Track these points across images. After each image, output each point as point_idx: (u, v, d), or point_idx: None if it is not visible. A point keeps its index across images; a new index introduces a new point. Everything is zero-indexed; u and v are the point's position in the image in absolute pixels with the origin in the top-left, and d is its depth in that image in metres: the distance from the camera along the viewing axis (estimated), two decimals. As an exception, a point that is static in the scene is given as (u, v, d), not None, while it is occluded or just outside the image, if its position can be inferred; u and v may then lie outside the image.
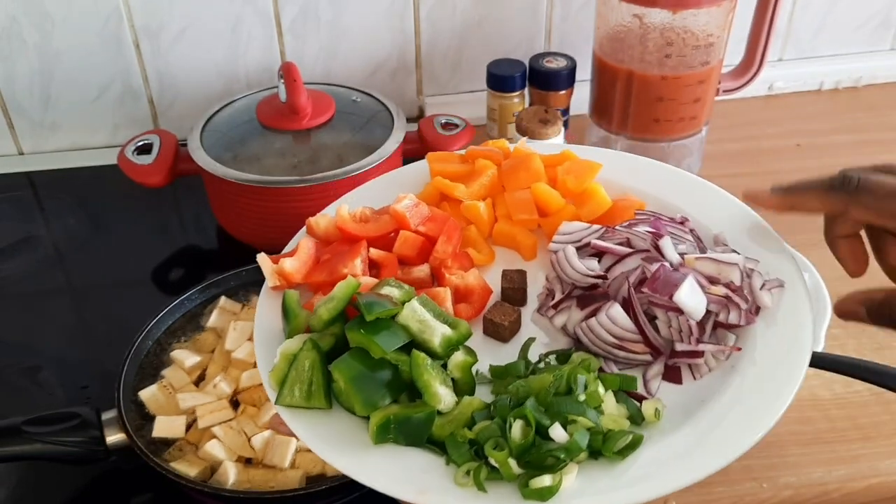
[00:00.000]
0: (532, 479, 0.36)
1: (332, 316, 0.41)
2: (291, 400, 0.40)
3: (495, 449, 0.37)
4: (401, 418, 0.38)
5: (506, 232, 0.51)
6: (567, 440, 0.37)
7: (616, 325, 0.42)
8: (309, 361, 0.40)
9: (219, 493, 0.52)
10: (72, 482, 0.56)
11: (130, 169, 0.73)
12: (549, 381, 0.39)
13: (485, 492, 0.36)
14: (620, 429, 0.38)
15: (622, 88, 0.78)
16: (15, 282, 0.75)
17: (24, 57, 0.86)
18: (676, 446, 0.38)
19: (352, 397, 0.39)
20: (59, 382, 0.64)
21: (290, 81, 0.73)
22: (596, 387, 0.39)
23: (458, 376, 0.41)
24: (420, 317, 0.40)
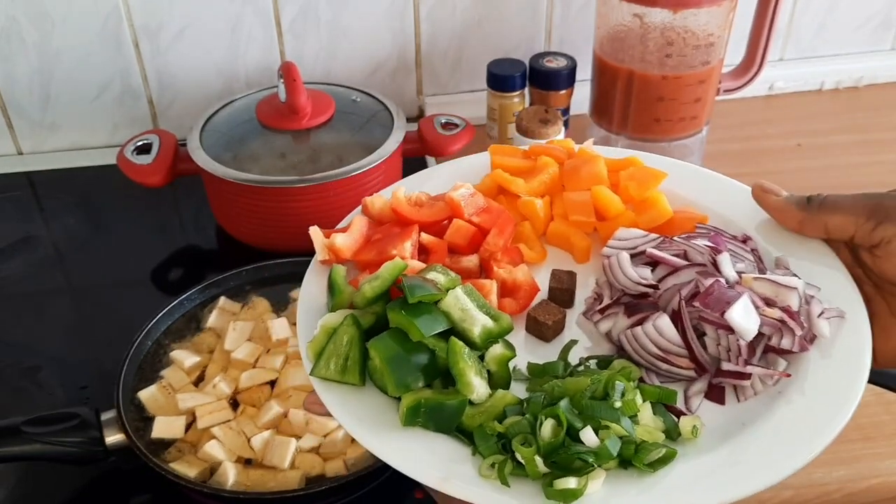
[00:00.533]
0: (557, 479, 0.36)
1: (375, 294, 0.41)
2: (326, 373, 0.40)
3: (523, 445, 0.37)
4: (432, 404, 0.38)
5: (560, 232, 0.49)
6: (597, 445, 0.36)
7: (663, 336, 0.41)
8: (347, 337, 0.40)
9: (218, 494, 0.52)
10: (71, 482, 0.56)
11: (130, 169, 0.73)
12: (586, 384, 0.39)
13: (508, 486, 0.36)
14: (654, 441, 0.37)
15: (623, 88, 0.78)
16: (14, 282, 0.75)
17: (23, 57, 0.86)
18: (710, 465, 0.37)
19: (386, 377, 0.39)
20: (58, 383, 0.64)
21: (289, 81, 0.73)
22: (634, 396, 0.38)
23: (494, 369, 0.41)
24: (462, 305, 0.40)
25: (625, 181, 0.50)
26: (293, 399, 0.57)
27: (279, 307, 0.66)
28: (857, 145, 0.91)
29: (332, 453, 0.54)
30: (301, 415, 0.55)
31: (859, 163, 0.88)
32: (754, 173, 0.85)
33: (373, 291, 0.41)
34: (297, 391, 0.57)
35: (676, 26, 0.74)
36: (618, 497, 0.36)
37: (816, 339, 0.41)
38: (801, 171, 0.87)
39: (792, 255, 0.45)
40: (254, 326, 0.62)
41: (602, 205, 0.49)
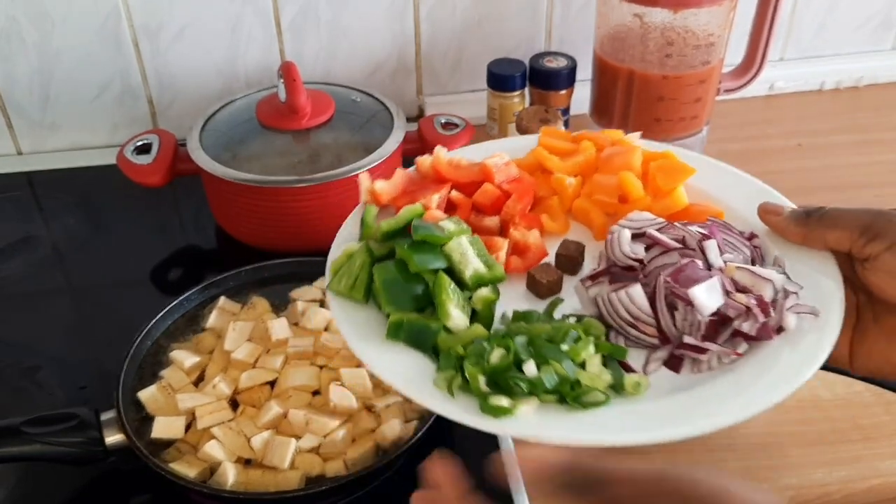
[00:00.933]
0: (493, 397, 0.40)
1: (390, 229, 0.47)
2: (338, 287, 0.46)
3: (472, 365, 0.41)
4: (413, 323, 0.43)
5: (583, 208, 0.53)
6: (535, 376, 0.41)
7: (634, 303, 0.44)
8: (360, 261, 0.46)
9: (218, 494, 0.51)
10: (71, 483, 0.56)
11: (129, 169, 0.73)
12: (546, 329, 0.43)
13: (452, 396, 0.41)
14: (594, 387, 0.41)
15: (623, 88, 0.78)
16: (14, 282, 0.75)
17: (23, 56, 0.86)
18: (641, 411, 0.41)
19: (381, 295, 0.45)
20: (58, 383, 0.64)
21: (289, 81, 0.73)
22: (585, 346, 0.43)
23: (479, 308, 0.45)
24: (463, 251, 0.46)
25: (653, 171, 0.53)
26: (293, 399, 0.57)
27: (279, 307, 0.66)
28: (857, 145, 0.91)
29: (332, 453, 0.54)
30: (301, 415, 0.55)
31: (859, 163, 0.88)
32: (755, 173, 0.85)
33: (388, 227, 0.47)
34: (296, 391, 0.57)
35: (677, 26, 0.74)
36: (546, 423, 0.40)
37: (784, 332, 0.43)
38: (801, 171, 0.87)
39: (793, 258, 0.47)
40: (254, 327, 0.62)
41: (626, 188, 0.52)
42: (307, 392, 0.58)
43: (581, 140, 0.56)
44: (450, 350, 0.43)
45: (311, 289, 0.67)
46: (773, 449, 0.58)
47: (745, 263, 0.47)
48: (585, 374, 0.42)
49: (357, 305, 0.46)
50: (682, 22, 0.73)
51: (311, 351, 0.60)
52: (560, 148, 0.56)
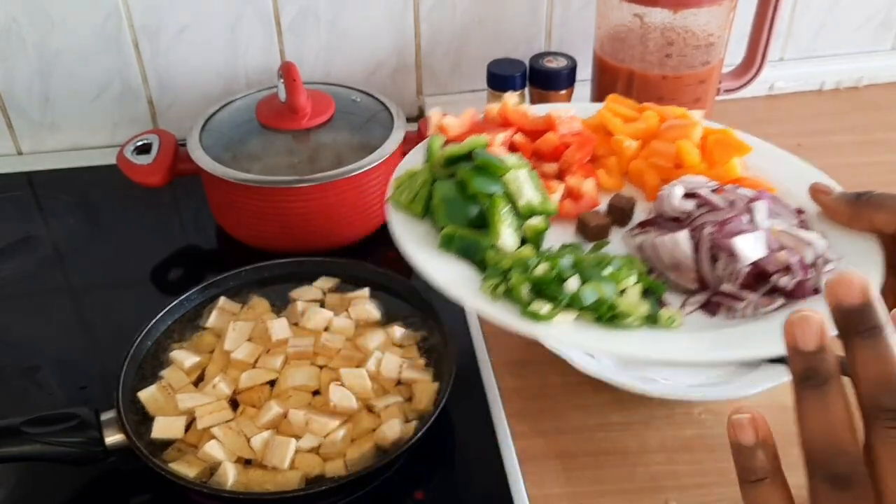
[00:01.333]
0: (534, 303, 0.43)
1: (453, 154, 0.51)
2: (398, 199, 0.51)
3: (518, 274, 0.44)
4: (464, 235, 0.48)
5: (639, 169, 0.55)
6: (575, 290, 0.44)
7: (677, 248, 0.47)
8: (422, 179, 0.51)
9: (218, 494, 0.51)
10: (71, 483, 0.56)
11: (129, 169, 0.73)
12: (591, 258, 0.47)
13: (494, 300, 0.44)
14: (629, 312, 0.44)
15: (623, 88, 0.78)
16: (14, 282, 0.75)
17: (23, 57, 0.86)
18: (671, 336, 0.44)
19: (438, 211, 0.49)
20: (57, 383, 0.64)
21: (289, 81, 0.73)
22: (627, 273, 0.46)
23: (528, 236, 0.49)
24: (520, 182, 0.49)
25: (711, 144, 0.55)
26: (293, 399, 0.57)
27: (279, 307, 0.66)
28: (857, 145, 0.91)
29: (331, 454, 0.54)
30: (301, 415, 0.55)
31: (859, 163, 0.88)
32: (754, 173, 0.86)
33: (451, 152, 0.50)
34: (296, 391, 0.57)
35: (677, 26, 0.74)
36: (581, 333, 0.43)
37: (819, 294, 0.45)
38: (801, 171, 0.87)
39: (837, 239, 0.49)
40: (254, 327, 0.62)
41: (682, 156, 0.54)
42: (307, 392, 0.58)
43: (645, 110, 0.59)
44: (497, 261, 0.46)
45: (311, 289, 0.67)
46: (774, 449, 0.58)
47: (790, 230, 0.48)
48: (624, 301, 0.44)
49: (413, 220, 0.51)
50: (682, 22, 0.73)
51: (311, 351, 0.60)
52: (624, 113, 0.59)
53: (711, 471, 0.56)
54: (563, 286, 0.44)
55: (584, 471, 0.56)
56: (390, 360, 0.59)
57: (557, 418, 0.60)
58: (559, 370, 0.62)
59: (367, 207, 0.75)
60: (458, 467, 0.57)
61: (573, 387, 0.62)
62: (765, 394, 0.60)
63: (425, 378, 0.59)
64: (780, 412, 0.60)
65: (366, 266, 0.67)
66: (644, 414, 0.60)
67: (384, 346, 0.61)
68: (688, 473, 0.56)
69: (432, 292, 0.72)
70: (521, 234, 0.49)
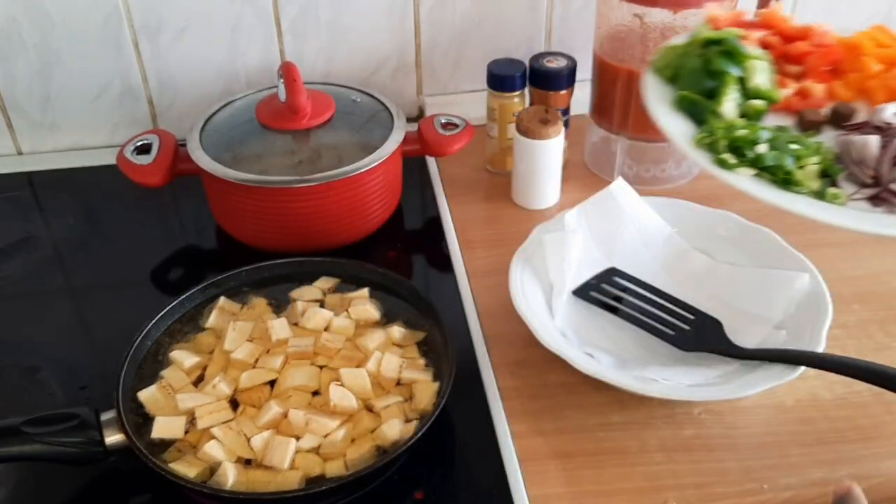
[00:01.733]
0: (726, 154, 0.56)
1: (710, 37, 0.61)
2: (656, 64, 0.63)
3: (723, 129, 0.57)
4: (694, 99, 0.59)
5: (874, 87, 0.61)
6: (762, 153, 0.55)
7: (866, 147, 0.55)
8: (678, 52, 0.62)
9: (218, 494, 0.52)
10: (71, 483, 0.56)
11: (130, 169, 0.73)
12: (788, 136, 0.57)
13: (699, 149, 0.58)
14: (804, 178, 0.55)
15: (623, 88, 0.78)
16: (14, 282, 0.75)
17: (23, 57, 0.86)
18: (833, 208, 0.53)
19: (682, 77, 0.61)
20: (58, 383, 0.64)
21: (289, 81, 0.73)
22: (810, 153, 0.55)
23: (748, 112, 0.59)
24: (756, 70, 0.59)
25: None
26: (293, 399, 0.57)
27: (279, 307, 0.66)
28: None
29: (332, 454, 0.54)
30: (301, 415, 0.55)
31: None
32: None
33: (708, 35, 0.61)
34: (296, 391, 0.57)
35: (677, 26, 0.74)
36: (755, 184, 0.54)
37: None
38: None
39: None
40: (253, 327, 0.62)
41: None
42: (307, 392, 0.58)
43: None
44: (710, 124, 0.57)
45: (311, 289, 0.67)
46: (773, 448, 0.58)
47: None
48: (800, 172, 0.54)
49: (663, 84, 0.62)
50: (682, 22, 0.73)
51: (311, 351, 0.60)
52: (880, 40, 0.64)
53: (711, 470, 0.56)
54: (754, 148, 0.54)
55: (584, 470, 0.56)
56: (390, 360, 0.59)
57: (557, 418, 0.60)
58: (559, 370, 0.62)
59: (367, 207, 0.75)
60: (458, 467, 0.57)
61: (573, 387, 0.62)
62: (764, 394, 0.60)
63: (425, 378, 0.59)
64: (780, 412, 0.61)
65: (366, 266, 0.67)
66: (644, 414, 0.60)
67: (384, 346, 0.61)
68: (687, 473, 0.56)
69: (432, 292, 0.73)
70: (743, 109, 0.59)
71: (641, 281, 0.68)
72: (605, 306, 0.67)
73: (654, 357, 0.63)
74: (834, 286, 0.64)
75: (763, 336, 0.63)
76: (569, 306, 0.67)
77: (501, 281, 0.66)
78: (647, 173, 0.84)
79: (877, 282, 0.72)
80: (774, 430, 0.59)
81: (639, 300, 0.67)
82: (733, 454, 0.57)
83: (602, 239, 0.71)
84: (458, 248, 0.77)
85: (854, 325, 0.68)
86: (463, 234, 0.79)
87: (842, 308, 0.68)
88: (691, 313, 0.65)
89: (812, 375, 0.62)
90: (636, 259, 0.70)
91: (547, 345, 0.60)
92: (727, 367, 0.60)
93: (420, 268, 0.77)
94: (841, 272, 0.72)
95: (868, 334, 0.67)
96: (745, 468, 0.56)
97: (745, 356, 0.60)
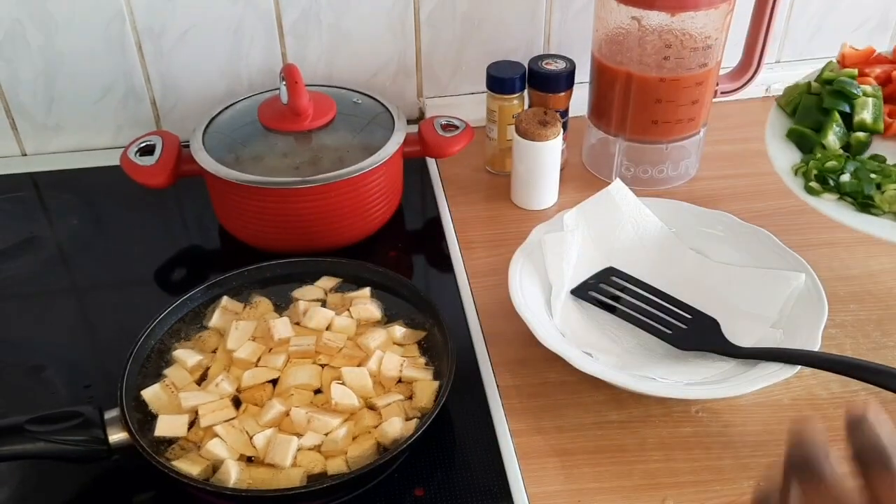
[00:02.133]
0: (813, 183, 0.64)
1: (827, 77, 0.69)
2: (780, 101, 0.73)
3: (815, 161, 0.64)
4: (804, 132, 0.67)
5: None
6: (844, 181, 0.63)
7: None
8: (801, 90, 0.71)
9: (220, 492, 0.52)
10: (74, 481, 0.57)
11: (133, 170, 0.74)
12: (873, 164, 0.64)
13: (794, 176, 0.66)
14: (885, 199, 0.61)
15: (621, 90, 0.79)
16: (18, 282, 0.76)
17: (27, 59, 0.86)
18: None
19: (799, 112, 0.70)
20: (61, 382, 0.65)
21: (291, 83, 0.74)
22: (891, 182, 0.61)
23: (853, 143, 0.66)
24: (865, 106, 0.66)
25: None
26: (295, 398, 0.57)
27: (281, 307, 0.66)
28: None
29: (333, 451, 0.54)
30: (302, 413, 0.55)
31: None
32: (752, 174, 0.86)
33: (827, 75, 0.69)
34: (298, 390, 0.58)
35: (674, 29, 0.74)
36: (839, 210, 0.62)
37: None
38: (798, 172, 0.87)
39: None
40: (256, 326, 0.63)
41: None
42: (309, 391, 0.58)
43: None
44: (812, 153, 0.64)
45: (313, 288, 0.67)
46: (770, 447, 0.58)
47: None
48: (879, 196, 0.60)
49: (785, 117, 0.70)
50: (679, 25, 0.74)
51: (312, 350, 0.61)
52: None
53: (709, 468, 0.57)
54: (840, 175, 0.61)
55: (583, 468, 0.57)
56: (391, 359, 0.60)
57: (556, 416, 0.61)
58: (558, 369, 0.62)
59: (368, 208, 0.76)
60: (458, 465, 0.57)
61: (572, 385, 0.63)
62: (761, 392, 0.60)
63: (426, 377, 0.59)
64: (776, 410, 0.61)
65: (367, 266, 0.68)
66: (642, 412, 0.61)
67: (385, 345, 0.61)
68: (685, 471, 0.57)
69: (432, 292, 0.73)
70: (847, 140, 0.65)
71: (639, 280, 0.69)
72: (603, 306, 0.68)
73: (651, 356, 0.64)
74: (830, 286, 0.65)
75: (759, 335, 0.63)
76: (567, 306, 0.67)
77: (501, 281, 0.67)
78: (645, 174, 0.84)
79: (873, 281, 0.73)
80: (771, 429, 0.60)
81: (636, 299, 0.67)
82: (731, 452, 0.58)
83: (600, 239, 0.71)
84: (458, 248, 0.78)
85: (851, 325, 0.68)
86: (463, 234, 0.80)
87: (838, 307, 0.69)
88: (688, 313, 0.66)
89: (809, 374, 0.62)
90: (634, 259, 0.71)
91: (546, 344, 0.60)
92: (724, 366, 0.61)
93: (420, 268, 0.78)
94: (837, 272, 0.73)
95: (864, 333, 0.67)
96: (742, 466, 0.57)
97: (742, 355, 0.61)
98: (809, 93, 0.68)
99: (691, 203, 0.74)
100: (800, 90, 0.69)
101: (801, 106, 0.68)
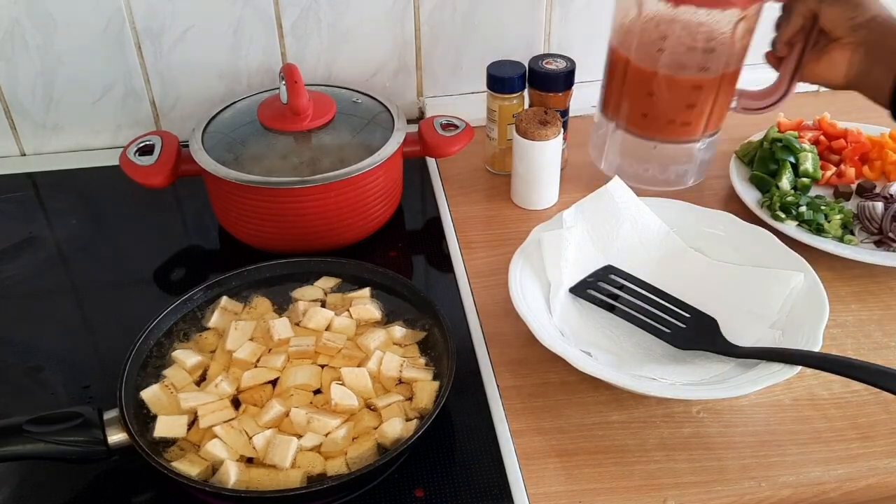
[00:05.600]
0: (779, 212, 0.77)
1: (775, 136, 0.85)
2: (739, 154, 0.88)
3: (777, 196, 0.79)
4: (763, 177, 0.83)
5: (892, 171, 0.85)
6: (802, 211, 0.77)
7: (874, 210, 0.77)
8: (754, 145, 0.87)
9: (220, 493, 0.52)
10: (74, 482, 0.56)
11: (132, 170, 0.74)
12: (821, 201, 0.79)
13: (760, 208, 0.79)
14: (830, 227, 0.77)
15: (619, 76, 0.78)
16: (18, 282, 0.76)
17: (26, 59, 0.86)
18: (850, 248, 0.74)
19: (756, 161, 0.85)
20: (61, 382, 0.65)
21: (291, 83, 0.74)
22: (835, 213, 0.78)
23: (800, 186, 0.81)
24: (806, 159, 0.83)
25: None
26: (294, 398, 0.57)
27: (281, 307, 0.66)
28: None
29: (333, 452, 0.54)
30: (302, 414, 0.55)
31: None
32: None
33: (774, 135, 0.85)
34: (298, 390, 0.58)
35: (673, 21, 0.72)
36: (798, 231, 0.76)
37: None
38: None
39: None
40: (255, 326, 0.63)
41: None
42: (308, 391, 0.58)
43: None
44: (772, 192, 0.79)
45: (313, 288, 0.67)
46: (771, 447, 0.58)
47: None
48: (827, 223, 0.76)
49: (742, 165, 0.85)
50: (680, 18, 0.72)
51: (312, 350, 0.61)
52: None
53: (709, 469, 0.57)
54: (798, 208, 0.76)
55: (583, 469, 0.57)
56: (391, 360, 0.59)
57: (557, 417, 0.60)
58: (558, 369, 0.62)
59: (368, 208, 0.75)
60: (458, 465, 0.57)
61: (572, 386, 0.62)
62: (762, 393, 0.60)
63: (425, 377, 0.59)
64: (777, 411, 0.61)
65: (366, 266, 0.68)
66: (643, 413, 0.61)
67: (385, 346, 0.61)
68: (686, 471, 0.57)
69: (432, 292, 0.73)
70: (795, 184, 0.81)
71: (638, 279, 0.69)
72: (602, 304, 0.68)
73: (651, 355, 0.64)
74: (831, 285, 0.65)
75: (759, 335, 0.63)
76: (566, 304, 0.67)
77: (501, 281, 0.67)
78: (646, 172, 0.84)
79: (874, 281, 0.73)
80: (772, 429, 0.60)
81: (635, 298, 0.67)
82: (732, 453, 0.58)
83: (599, 237, 0.71)
84: (458, 248, 0.78)
85: (852, 325, 0.68)
86: (463, 234, 0.80)
87: (839, 307, 0.68)
88: (688, 312, 0.66)
89: (810, 374, 0.62)
90: (633, 257, 0.71)
91: (546, 344, 0.60)
92: (724, 366, 0.61)
93: (420, 268, 0.78)
94: (838, 271, 0.73)
95: (866, 333, 0.67)
96: (743, 466, 0.57)
97: (741, 355, 0.60)
98: (762, 147, 0.85)
99: (692, 202, 0.74)
100: (754, 146, 0.86)
101: (758, 157, 0.84)
